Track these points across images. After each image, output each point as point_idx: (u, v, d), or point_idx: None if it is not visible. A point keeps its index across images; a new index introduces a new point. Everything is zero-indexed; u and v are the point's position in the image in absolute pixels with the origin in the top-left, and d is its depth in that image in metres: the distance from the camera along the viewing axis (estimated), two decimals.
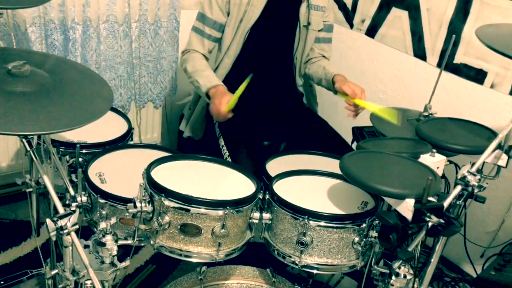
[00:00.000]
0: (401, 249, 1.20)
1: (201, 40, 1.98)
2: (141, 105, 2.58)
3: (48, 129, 1.04)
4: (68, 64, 1.34)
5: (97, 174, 1.60)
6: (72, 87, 1.21)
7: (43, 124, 1.04)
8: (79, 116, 1.10)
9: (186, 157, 1.50)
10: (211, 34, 1.98)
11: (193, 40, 1.99)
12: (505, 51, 1.29)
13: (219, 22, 1.96)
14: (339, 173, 1.53)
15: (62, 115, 1.08)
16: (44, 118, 1.05)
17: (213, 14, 1.95)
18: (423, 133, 1.50)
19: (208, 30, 1.97)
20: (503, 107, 2.21)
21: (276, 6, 1.95)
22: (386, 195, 1.15)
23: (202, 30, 1.97)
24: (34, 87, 1.13)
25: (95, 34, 2.21)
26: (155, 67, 2.52)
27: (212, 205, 1.23)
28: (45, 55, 1.43)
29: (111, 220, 1.27)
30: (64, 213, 1.19)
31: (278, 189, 1.39)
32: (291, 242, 1.32)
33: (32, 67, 1.16)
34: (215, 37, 1.99)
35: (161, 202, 1.24)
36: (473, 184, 1.23)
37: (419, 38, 2.45)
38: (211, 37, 1.98)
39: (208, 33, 1.97)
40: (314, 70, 2.08)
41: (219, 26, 1.97)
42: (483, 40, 1.29)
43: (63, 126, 1.05)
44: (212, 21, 1.96)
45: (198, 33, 1.98)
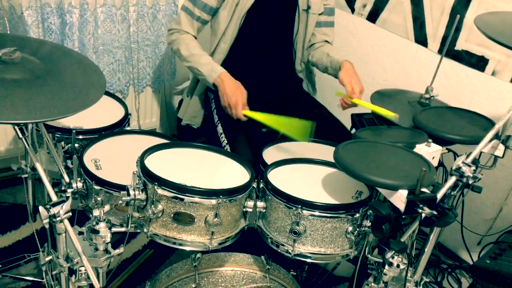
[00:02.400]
0: (394, 239, 1.20)
1: (191, 21, 1.95)
2: (140, 89, 2.57)
3: (39, 117, 1.04)
4: (62, 51, 1.33)
5: (92, 160, 1.60)
6: (64, 74, 1.20)
7: (34, 112, 1.03)
8: (71, 104, 1.09)
9: (180, 144, 1.49)
10: (200, 16, 1.95)
11: (182, 20, 1.96)
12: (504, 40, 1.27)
13: (209, 5, 1.93)
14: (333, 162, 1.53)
15: (54, 103, 1.07)
16: (35, 106, 1.05)
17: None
18: (420, 123, 1.49)
19: (198, 12, 1.94)
20: (504, 95, 2.18)
21: None
22: (379, 186, 1.15)
23: (192, 11, 1.94)
24: (25, 74, 1.12)
25: (92, 18, 2.19)
26: (154, 51, 2.50)
27: (205, 194, 1.22)
28: (40, 42, 1.41)
29: (105, 207, 1.27)
30: (57, 200, 1.19)
31: (273, 177, 1.38)
32: (284, 231, 1.32)
33: (23, 54, 1.15)
34: (205, 20, 1.97)
35: (154, 191, 1.24)
36: (468, 175, 1.22)
37: (420, 24, 2.42)
38: (200, 19, 1.96)
39: (198, 15, 1.94)
40: (318, 57, 2.05)
41: (209, 9, 1.94)
42: (482, 30, 1.26)
43: (54, 114, 1.04)
44: (203, 4, 1.92)
45: (187, 14, 1.95)
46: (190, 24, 1.96)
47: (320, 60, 2.04)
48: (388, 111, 1.58)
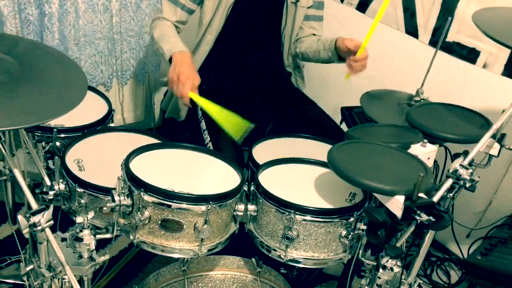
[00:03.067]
0: (389, 245, 1.17)
1: (174, 9, 1.87)
2: (123, 82, 2.49)
3: (18, 123, 0.97)
4: (39, 48, 1.25)
5: (75, 161, 1.53)
6: (43, 74, 1.13)
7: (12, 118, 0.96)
8: (52, 108, 1.03)
9: (167, 145, 1.43)
10: (185, 4, 1.87)
11: (164, 8, 1.88)
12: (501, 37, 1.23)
13: None
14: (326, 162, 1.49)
15: (33, 107, 1.00)
16: (14, 112, 0.98)
17: None
18: (414, 121, 1.45)
19: (182, 0, 1.86)
20: (495, 88, 2.16)
21: None
22: (375, 191, 1.11)
23: None
24: (1, 76, 1.05)
25: (73, 8, 2.10)
26: (137, 42, 2.42)
27: (194, 201, 1.17)
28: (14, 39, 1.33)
29: (89, 214, 1.21)
30: (37, 208, 1.12)
31: (264, 180, 1.33)
32: (276, 236, 1.28)
33: None
34: (190, 8, 1.89)
35: (140, 197, 1.18)
36: (465, 178, 1.18)
37: (411, 15, 2.37)
38: (185, 7, 1.88)
39: (182, 2, 1.87)
40: (307, 45, 1.99)
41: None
42: (480, 26, 1.22)
43: (34, 120, 0.97)
44: None
45: (171, 2, 1.88)
46: (173, 12, 1.88)
47: (309, 47, 1.98)
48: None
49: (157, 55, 2.52)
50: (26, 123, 0.98)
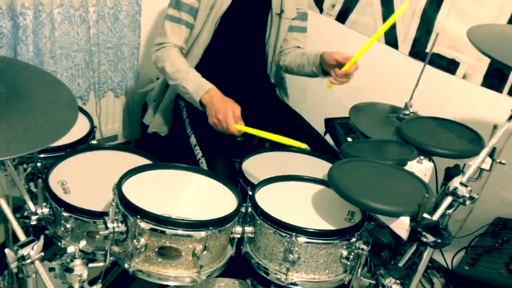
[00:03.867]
0: (392, 265, 1.16)
1: (178, 28, 1.82)
2: (101, 94, 2.41)
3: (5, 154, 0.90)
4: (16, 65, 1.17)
5: (59, 182, 1.46)
6: (30, 97, 1.06)
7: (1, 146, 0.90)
8: (43, 134, 0.96)
9: (158, 166, 1.38)
10: (188, 20, 1.82)
11: (168, 31, 1.81)
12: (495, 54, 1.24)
13: (194, 7, 1.81)
14: (322, 179, 1.47)
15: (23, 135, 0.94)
16: (1, 141, 0.91)
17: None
18: (407, 136, 1.45)
19: (185, 17, 1.81)
20: (475, 99, 2.19)
21: None
22: (381, 213, 1.09)
23: (179, 17, 1.81)
24: None
25: (48, 20, 2.01)
26: (116, 54, 2.34)
27: (193, 227, 1.13)
28: None
29: (80, 243, 1.15)
30: (25, 240, 1.06)
31: (260, 199, 1.30)
32: (276, 258, 1.25)
33: None
34: (192, 24, 1.84)
35: (136, 224, 1.13)
36: (465, 195, 1.19)
37: (391, 26, 2.39)
38: (188, 24, 1.83)
39: (186, 19, 1.81)
40: (291, 59, 1.97)
41: (195, 11, 1.82)
42: (474, 43, 1.23)
43: (24, 149, 0.91)
44: (188, 6, 1.80)
45: (174, 22, 1.82)
46: (178, 34, 1.82)
47: (293, 61, 1.97)
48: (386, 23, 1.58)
49: (135, 66, 2.46)
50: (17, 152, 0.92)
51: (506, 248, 1.92)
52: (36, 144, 0.93)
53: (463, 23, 2.13)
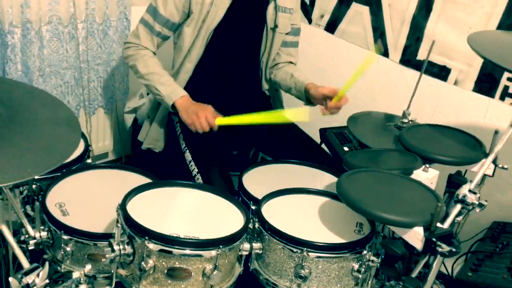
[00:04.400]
0: (406, 277, 1.14)
1: (150, 36, 1.81)
2: (91, 112, 2.37)
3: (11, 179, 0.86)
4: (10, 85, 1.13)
5: (57, 204, 1.42)
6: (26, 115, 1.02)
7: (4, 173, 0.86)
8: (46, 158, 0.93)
9: (161, 184, 1.35)
10: (161, 31, 1.81)
11: (141, 34, 1.81)
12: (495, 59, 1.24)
13: (172, 21, 1.79)
14: (328, 191, 1.46)
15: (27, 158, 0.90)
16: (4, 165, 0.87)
17: (167, 11, 1.77)
18: (409, 145, 1.44)
19: (158, 28, 1.79)
20: (467, 104, 2.21)
21: (241, 7, 1.81)
22: (394, 224, 1.08)
23: (152, 26, 1.79)
24: None
25: (37, 37, 1.97)
26: (105, 70, 2.31)
27: (203, 246, 1.10)
28: None
29: (85, 268, 1.11)
30: (29, 267, 1.01)
31: (267, 214, 1.28)
32: (286, 275, 1.22)
33: None
34: (165, 35, 1.83)
35: (144, 246, 1.09)
36: (474, 203, 1.18)
37: (381, 34, 2.41)
38: (160, 35, 1.82)
39: (158, 30, 1.80)
40: (281, 77, 1.97)
41: (171, 24, 1.80)
42: (475, 48, 1.23)
43: (28, 173, 0.87)
44: (165, 19, 1.78)
45: (147, 28, 1.80)
46: (150, 40, 1.81)
47: (283, 80, 1.97)
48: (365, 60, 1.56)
49: (125, 81, 2.42)
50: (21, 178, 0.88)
51: (507, 252, 1.92)
52: (41, 167, 0.89)
53: (453, 30, 2.15)
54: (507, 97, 2.06)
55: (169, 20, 1.78)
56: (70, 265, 1.36)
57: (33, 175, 0.86)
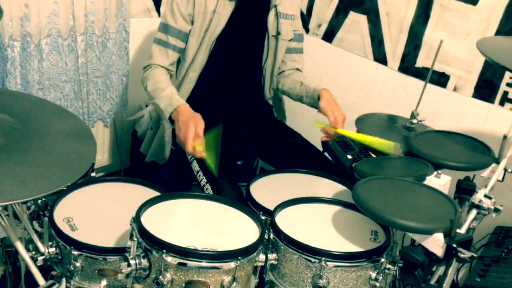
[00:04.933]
0: (426, 284, 1.13)
1: (165, 51, 1.79)
2: (90, 124, 2.34)
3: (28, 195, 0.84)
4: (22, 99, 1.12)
5: (64, 219, 1.39)
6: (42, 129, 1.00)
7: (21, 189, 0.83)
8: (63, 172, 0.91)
9: (172, 196, 1.33)
10: (176, 44, 1.80)
11: (155, 54, 1.79)
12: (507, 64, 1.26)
13: (184, 31, 1.79)
14: (340, 200, 1.45)
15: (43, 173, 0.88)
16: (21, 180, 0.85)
17: (177, 23, 1.77)
18: (419, 151, 1.44)
19: (173, 41, 1.78)
20: (466, 110, 2.23)
21: (243, 15, 1.81)
22: (415, 231, 1.07)
23: (166, 41, 1.78)
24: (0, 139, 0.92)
25: (36, 51, 1.95)
26: (104, 82, 2.29)
27: (222, 258, 1.08)
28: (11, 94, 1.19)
29: (101, 283, 1.08)
30: (46, 285, 0.99)
31: (281, 224, 1.26)
32: (304, 285, 1.21)
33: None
34: (180, 48, 1.82)
35: (161, 259, 1.07)
36: (490, 208, 1.18)
37: (379, 43, 2.42)
38: (176, 48, 1.80)
39: (173, 43, 1.79)
40: (290, 86, 1.96)
41: (183, 35, 1.80)
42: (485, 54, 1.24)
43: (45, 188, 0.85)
44: (177, 31, 1.78)
45: (161, 45, 1.79)
46: (164, 56, 1.79)
47: (292, 89, 1.95)
48: (383, 140, 1.50)
49: (124, 94, 2.41)
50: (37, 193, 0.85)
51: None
52: (60, 181, 0.87)
53: (451, 37, 2.17)
54: (506, 102, 2.08)
55: (181, 30, 1.78)
56: (79, 281, 1.33)
57: (53, 190, 0.84)
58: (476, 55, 2.11)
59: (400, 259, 1.22)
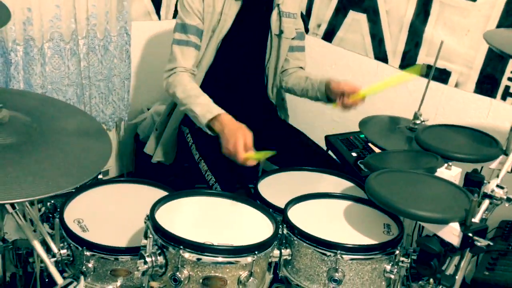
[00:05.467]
0: (442, 274, 1.13)
1: (187, 51, 1.77)
2: None
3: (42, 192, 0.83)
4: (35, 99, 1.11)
5: (75, 221, 1.39)
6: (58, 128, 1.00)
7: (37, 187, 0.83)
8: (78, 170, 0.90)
9: (184, 194, 1.33)
10: (197, 42, 1.78)
11: (177, 56, 1.76)
12: None
13: (200, 29, 1.79)
14: (350, 195, 1.45)
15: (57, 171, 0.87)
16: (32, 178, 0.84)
17: (194, 21, 1.76)
18: (428, 145, 1.45)
19: (193, 39, 1.77)
20: (468, 105, 2.24)
21: (247, 14, 1.82)
22: (431, 221, 1.08)
23: (187, 40, 1.77)
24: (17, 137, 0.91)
25: (39, 55, 1.94)
26: (107, 86, 2.28)
27: (239, 253, 1.08)
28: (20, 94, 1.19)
29: (118, 282, 1.08)
30: (64, 283, 0.98)
31: (295, 220, 1.26)
32: (319, 279, 1.21)
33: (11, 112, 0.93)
34: (199, 45, 1.80)
35: (178, 255, 1.06)
36: (502, 197, 1.19)
37: (379, 41, 2.44)
38: (197, 46, 1.79)
39: (194, 41, 1.77)
40: (294, 82, 1.97)
41: (201, 32, 1.79)
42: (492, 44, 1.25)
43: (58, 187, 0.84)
44: (195, 28, 1.77)
45: (182, 45, 1.77)
46: (187, 57, 1.76)
47: (297, 84, 1.96)
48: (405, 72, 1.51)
49: (126, 97, 2.40)
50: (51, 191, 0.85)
51: None
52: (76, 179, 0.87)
53: (451, 34, 2.19)
54: (508, 96, 2.10)
55: (198, 28, 1.77)
56: (92, 282, 1.32)
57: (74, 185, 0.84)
58: (477, 50, 2.13)
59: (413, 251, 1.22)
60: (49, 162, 0.87)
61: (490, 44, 1.29)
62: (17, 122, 0.94)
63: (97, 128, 1.03)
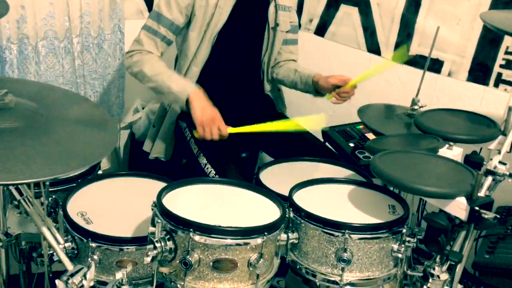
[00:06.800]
0: (449, 251, 1.14)
1: (154, 41, 1.77)
2: None
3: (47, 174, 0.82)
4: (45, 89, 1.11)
5: (78, 214, 1.37)
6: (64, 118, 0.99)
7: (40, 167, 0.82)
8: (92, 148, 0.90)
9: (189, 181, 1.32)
10: (166, 35, 1.78)
11: (144, 40, 1.77)
12: None
13: (176, 24, 1.78)
14: (353, 179, 1.46)
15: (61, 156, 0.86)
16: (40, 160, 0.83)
17: (172, 14, 1.75)
18: (428, 127, 1.47)
19: (163, 31, 1.77)
20: (462, 93, 2.26)
21: (244, 7, 1.83)
22: (438, 196, 1.09)
23: (156, 30, 1.76)
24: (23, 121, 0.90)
25: (33, 53, 1.93)
26: (101, 84, 2.27)
27: (249, 234, 1.08)
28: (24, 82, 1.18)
29: (128, 267, 1.07)
30: (74, 270, 0.97)
31: (301, 203, 1.27)
32: (328, 261, 1.21)
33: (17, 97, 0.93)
34: (169, 40, 1.81)
35: (188, 238, 1.06)
36: (504, 173, 1.20)
37: (371, 33, 2.46)
38: (165, 39, 1.79)
39: (163, 34, 1.77)
40: (284, 74, 1.99)
41: (175, 28, 1.78)
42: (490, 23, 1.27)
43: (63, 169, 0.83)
44: (170, 22, 1.76)
45: (150, 33, 1.77)
46: (154, 45, 1.77)
47: (286, 76, 1.99)
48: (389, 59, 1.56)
49: (121, 96, 2.39)
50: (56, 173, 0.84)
51: None
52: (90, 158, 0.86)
53: (442, 24, 2.21)
54: (501, 83, 2.13)
55: (174, 23, 1.77)
56: (97, 274, 1.31)
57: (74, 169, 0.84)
58: (469, 39, 2.16)
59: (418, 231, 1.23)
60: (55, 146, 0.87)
61: (486, 23, 1.31)
62: (23, 108, 0.93)
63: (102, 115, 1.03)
